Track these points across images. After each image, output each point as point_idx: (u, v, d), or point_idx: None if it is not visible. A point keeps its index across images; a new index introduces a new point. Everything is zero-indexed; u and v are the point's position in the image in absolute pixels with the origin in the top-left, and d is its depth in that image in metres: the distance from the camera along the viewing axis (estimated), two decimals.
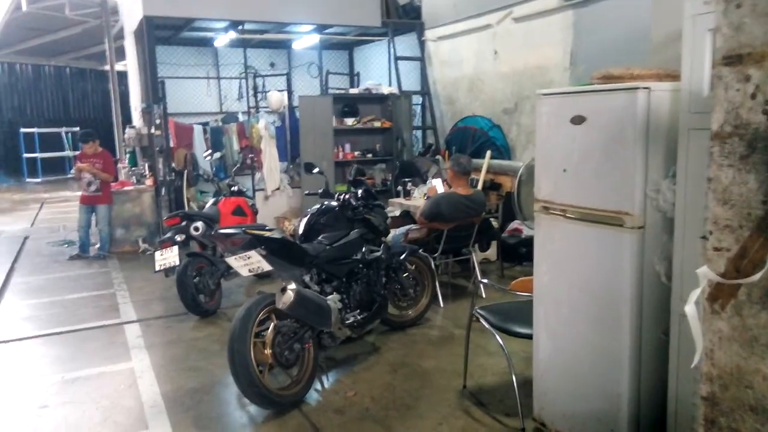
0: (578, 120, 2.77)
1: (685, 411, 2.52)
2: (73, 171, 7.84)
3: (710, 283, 1.51)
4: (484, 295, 5.43)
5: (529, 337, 3.20)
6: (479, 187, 6.58)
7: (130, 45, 10.03)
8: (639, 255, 2.62)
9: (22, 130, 18.30)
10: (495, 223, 6.33)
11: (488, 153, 7.15)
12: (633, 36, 5.53)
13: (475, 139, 8.02)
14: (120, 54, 13.04)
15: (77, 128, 17.54)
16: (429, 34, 9.20)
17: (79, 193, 7.89)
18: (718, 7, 1.46)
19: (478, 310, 3.54)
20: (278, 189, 8.79)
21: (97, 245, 7.83)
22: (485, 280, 4.16)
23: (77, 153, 8.32)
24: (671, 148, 2.52)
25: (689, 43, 2.37)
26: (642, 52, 3.94)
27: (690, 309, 1.59)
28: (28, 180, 18.25)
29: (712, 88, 2.20)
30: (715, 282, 1.50)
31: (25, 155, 18.31)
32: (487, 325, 3.42)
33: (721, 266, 1.48)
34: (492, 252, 6.71)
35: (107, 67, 13.12)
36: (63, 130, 18.74)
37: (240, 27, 9.02)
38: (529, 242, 6.30)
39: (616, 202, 2.65)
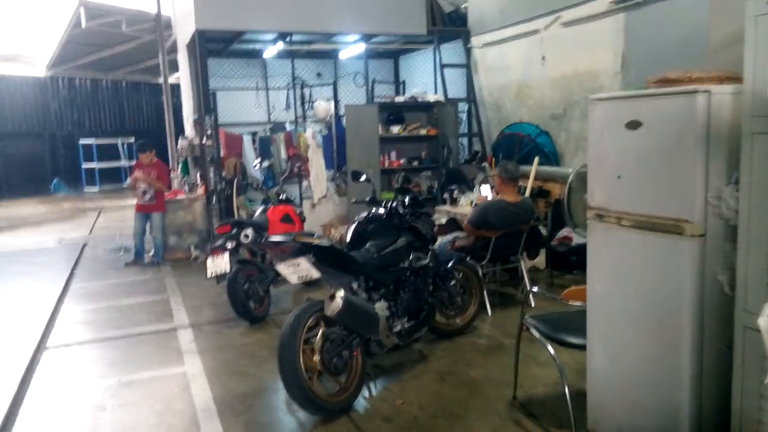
0: (634, 125, 2.70)
1: (750, 427, 2.41)
2: (128, 181, 8.07)
3: None
4: (533, 304, 5.34)
5: (582, 347, 3.12)
6: (527, 194, 6.49)
7: (182, 58, 10.35)
8: (699, 264, 2.52)
9: (81, 141, 19.14)
10: (544, 231, 6.22)
11: (536, 159, 7.05)
12: (687, 39, 5.36)
13: (522, 145, 7.91)
14: (173, 67, 13.46)
15: (132, 139, 18.21)
16: (475, 40, 9.15)
17: (135, 202, 8.16)
18: None
19: (529, 319, 3.47)
20: (325, 197, 8.88)
21: (152, 252, 8.08)
22: (535, 289, 4.08)
23: (134, 162, 8.59)
24: (733, 153, 2.43)
25: (752, 44, 2.28)
26: (696, 55, 3.81)
27: (764, 322, 1.53)
28: (86, 189, 19.04)
29: None
30: None
31: (84, 165, 19.13)
32: (537, 335, 3.35)
33: None
34: (540, 260, 6.59)
35: (161, 80, 13.55)
36: (119, 141, 19.49)
37: (288, 38, 9.19)
38: (579, 250, 6.16)
39: (675, 210, 2.57)
